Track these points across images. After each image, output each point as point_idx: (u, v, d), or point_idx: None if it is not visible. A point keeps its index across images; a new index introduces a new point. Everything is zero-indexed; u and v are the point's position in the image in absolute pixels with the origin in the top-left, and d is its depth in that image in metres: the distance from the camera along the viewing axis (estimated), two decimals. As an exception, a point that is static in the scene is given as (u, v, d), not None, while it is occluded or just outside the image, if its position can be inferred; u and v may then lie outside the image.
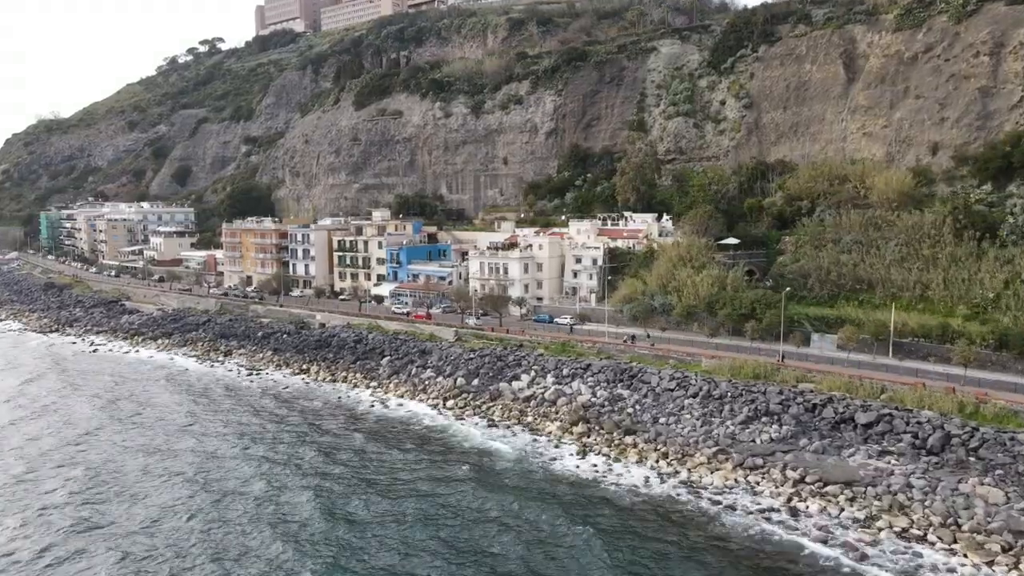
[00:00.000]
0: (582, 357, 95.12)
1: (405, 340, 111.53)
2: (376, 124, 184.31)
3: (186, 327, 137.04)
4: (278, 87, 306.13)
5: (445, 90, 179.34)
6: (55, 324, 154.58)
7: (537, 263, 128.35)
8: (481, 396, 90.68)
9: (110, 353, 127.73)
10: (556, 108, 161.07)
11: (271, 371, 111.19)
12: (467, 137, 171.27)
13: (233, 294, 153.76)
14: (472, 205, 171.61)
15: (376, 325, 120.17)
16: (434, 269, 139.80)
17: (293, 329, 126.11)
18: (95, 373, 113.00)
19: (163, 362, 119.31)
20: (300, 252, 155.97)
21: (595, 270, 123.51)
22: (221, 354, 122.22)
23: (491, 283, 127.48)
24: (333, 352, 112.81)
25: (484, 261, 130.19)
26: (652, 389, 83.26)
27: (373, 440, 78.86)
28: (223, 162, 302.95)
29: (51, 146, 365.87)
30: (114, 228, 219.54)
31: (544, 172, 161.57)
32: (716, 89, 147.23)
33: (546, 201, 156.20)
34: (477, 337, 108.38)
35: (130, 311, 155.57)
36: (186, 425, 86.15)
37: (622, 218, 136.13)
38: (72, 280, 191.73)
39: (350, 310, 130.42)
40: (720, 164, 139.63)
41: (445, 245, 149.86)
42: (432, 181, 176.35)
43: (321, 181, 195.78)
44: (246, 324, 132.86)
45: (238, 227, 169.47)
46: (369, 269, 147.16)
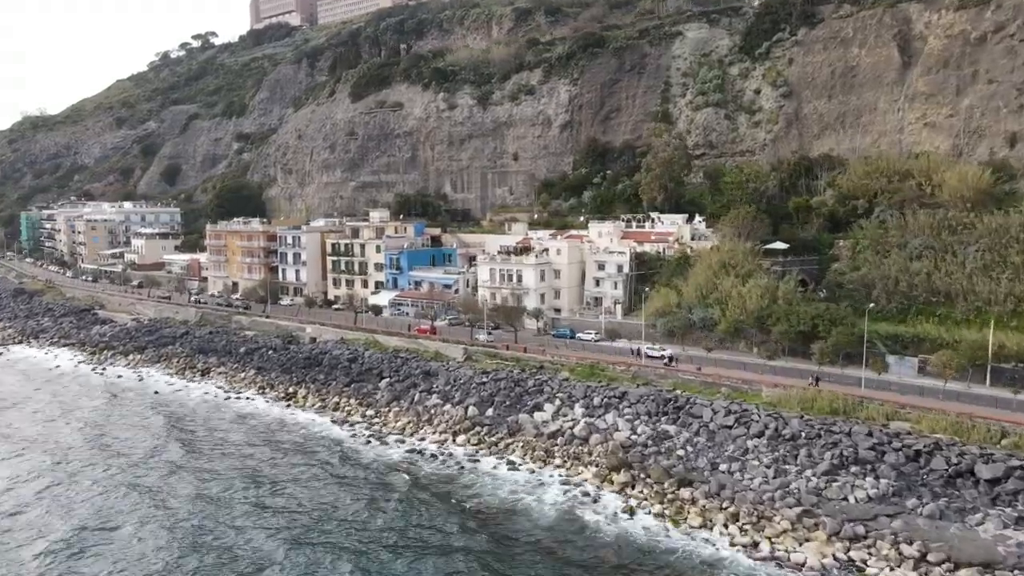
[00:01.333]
0: (615, 383, 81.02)
1: (407, 359, 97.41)
2: (374, 117, 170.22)
3: (161, 340, 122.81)
4: (272, 81, 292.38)
5: (449, 80, 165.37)
6: (19, 335, 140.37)
7: (554, 270, 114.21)
8: (498, 430, 76.56)
9: (76, 370, 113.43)
10: (571, 99, 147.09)
11: (252, 394, 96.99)
12: (473, 131, 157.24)
13: (216, 303, 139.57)
14: (479, 205, 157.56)
15: (374, 340, 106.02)
16: (438, 276, 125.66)
17: (280, 344, 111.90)
18: (53, 396, 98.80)
19: (131, 383, 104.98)
20: (290, 256, 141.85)
21: (621, 278, 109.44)
22: (198, 373, 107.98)
23: (503, 292, 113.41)
24: (324, 372, 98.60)
25: (495, 267, 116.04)
26: (705, 425, 69.17)
27: (366, 494, 64.59)
28: (214, 160, 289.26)
29: (36, 144, 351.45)
30: (93, 229, 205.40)
31: (558, 169, 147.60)
32: (750, 77, 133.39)
33: (561, 200, 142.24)
34: (490, 356, 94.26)
35: (103, 321, 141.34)
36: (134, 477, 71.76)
37: (648, 219, 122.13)
38: (44, 285, 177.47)
39: (344, 322, 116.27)
40: (756, 159, 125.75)
41: (450, 249, 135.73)
42: (435, 179, 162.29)
43: (315, 179, 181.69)
44: (228, 338, 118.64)
45: (223, 228, 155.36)
46: (366, 276, 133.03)
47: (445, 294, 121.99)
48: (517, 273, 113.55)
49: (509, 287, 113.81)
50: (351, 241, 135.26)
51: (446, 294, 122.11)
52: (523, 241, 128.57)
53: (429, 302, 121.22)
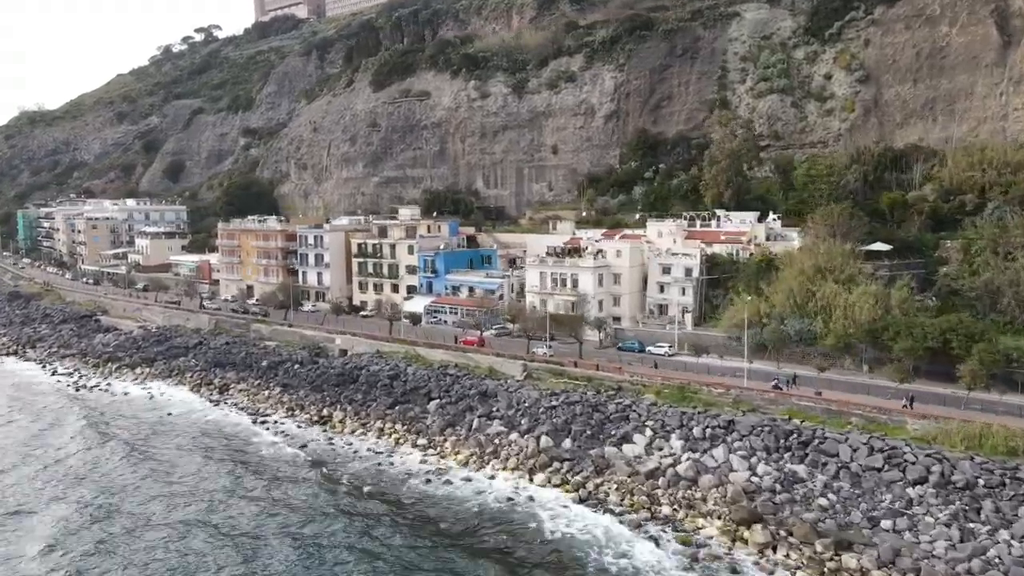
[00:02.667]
0: (712, 408, 68.90)
1: (457, 376, 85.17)
2: (399, 108, 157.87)
3: (172, 351, 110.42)
4: (280, 74, 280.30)
5: (480, 67, 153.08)
6: (14, 344, 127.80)
7: (614, 274, 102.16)
8: (581, 466, 64.34)
9: (77, 385, 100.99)
10: (617, 86, 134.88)
11: (281, 416, 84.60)
12: (508, 121, 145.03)
13: (230, 308, 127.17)
14: (513, 202, 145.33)
15: (415, 354, 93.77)
16: (480, 280, 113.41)
17: (307, 357, 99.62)
18: (52, 422, 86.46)
19: (140, 402, 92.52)
20: (312, 258, 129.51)
21: (690, 283, 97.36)
22: (215, 390, 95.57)
23: (556, 299, 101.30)
24: (362, 392, 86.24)
25: (546, 271, 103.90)
26: (844, 466, 56.97)
27: (441, 545, 52.50)
28: (219, 156, 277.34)
29: (34, 139, 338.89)
30: (95, 228, 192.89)
31: (603, 162, 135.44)
32: (818, 61, 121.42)
33: (608, 197, 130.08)
34: (554, 374, 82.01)
35: (106, 329, 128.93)
36: (151, 524, 59.52)
37: (714, 217, 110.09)
38: (42, 289, 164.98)
39: (377, 332, 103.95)
40: (830, 151, 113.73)
41: (489, 250, 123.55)
42: (466, 173, 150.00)
43: (333, 174, 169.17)
44: (247, 349, 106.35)
45: (236, 227, 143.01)
46: (397, 279, 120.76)
47: (488, 300, 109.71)
48: (572, 277, 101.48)
49: (562, 293, 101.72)
50: (379, 241, 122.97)
51: (489, 300, 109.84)
52: (571, 241, 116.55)
53: (471, 309, 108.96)
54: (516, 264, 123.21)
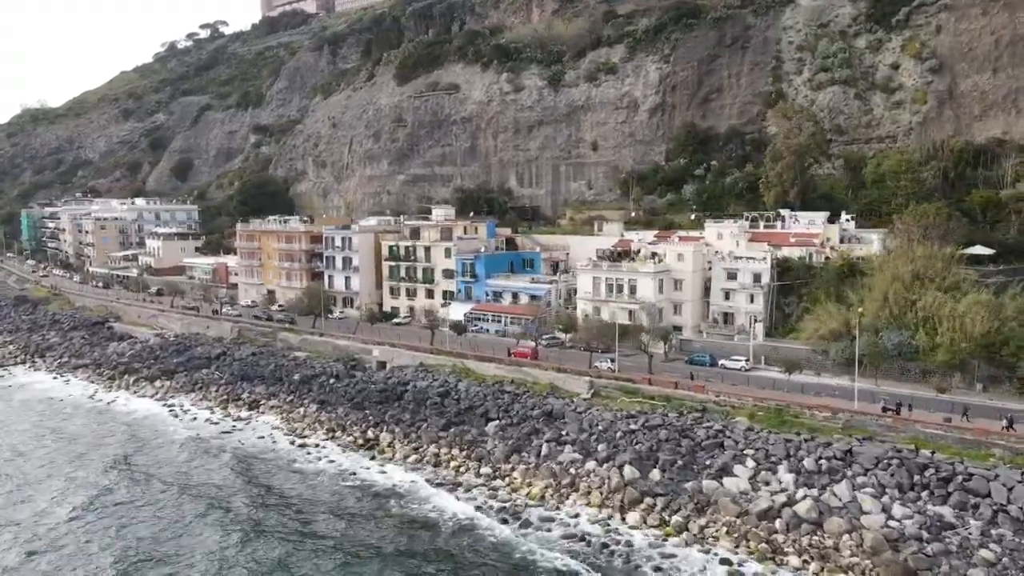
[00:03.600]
0: (819, 435, 60.84)
1: (515, 394, 77.09)
2: (426, 102, 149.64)
3: (194, 363, 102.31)
4: (291, 70, 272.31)
5: (513, 59, 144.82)
6: (21, 353, 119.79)
7: (674, 279, 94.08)
8: (678, 503, 56.27)
9: (93, 401, 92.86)
10: (663, 78, 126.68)
11: (321, 437, 76.49)
12: (543, 116, 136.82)
13: (252, 315, 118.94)
14: (549, 201, 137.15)
15: (464, 368, 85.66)
16: (524, 286, 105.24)
17: (343, 370, 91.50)
18: (69, 442, 78.37)
19: (163, 421, 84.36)
20: (339, 261, 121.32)
21: (759, 290, 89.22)
22: (244, 406, 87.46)
23: (612, 307, 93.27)
24: (410, 411, 78.07)
25: (600, 276, 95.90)
26: (1001, 509, 48.93)
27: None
28: (229, 154, 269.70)
29: (36, 137, 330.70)
30: (103, 229, 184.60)
31: (647, 159, 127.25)
32: (883, 49, 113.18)
33: (655, 196, 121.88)
34: (626, 392, 73.90)
35: (119, 337, 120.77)
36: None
37: (778, 218, 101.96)
38: (49, 293, 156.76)
39: (417, 342, 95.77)
40: (899, 146, 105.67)
41: (532, 253, 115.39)
42: (498, 171, 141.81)
43: (356, 172, 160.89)
44: (275, 360, 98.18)
45: (256, 228, 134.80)
46: (432, 284, 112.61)
47: (533, 308, 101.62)
48: (630, 283, 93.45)
49: (619, 300, 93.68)
50: (413, 244, 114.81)
51: (534, 308, 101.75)
52: (621, 244, 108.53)
53: (516, 317, 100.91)
54: (559, 268, 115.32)
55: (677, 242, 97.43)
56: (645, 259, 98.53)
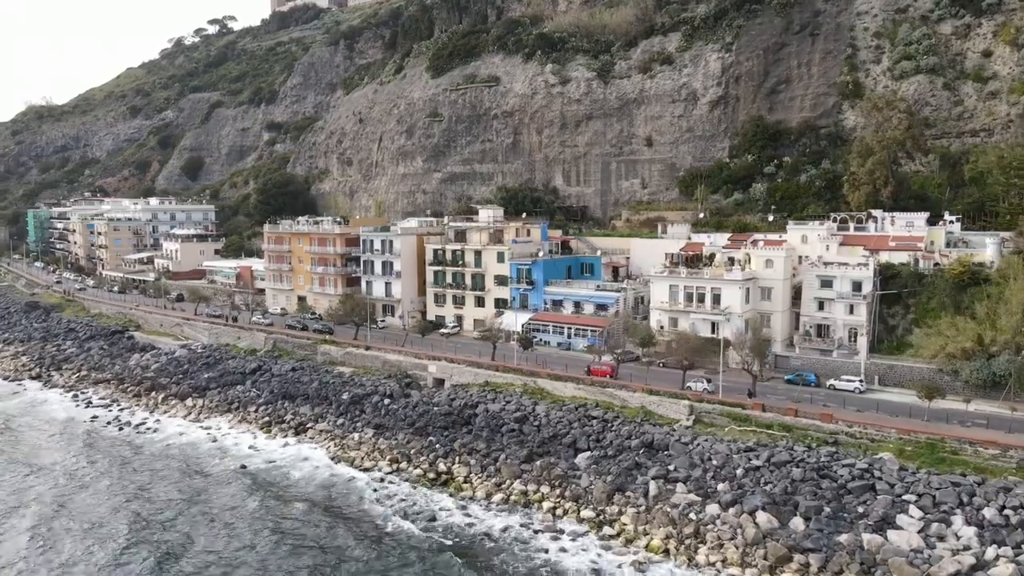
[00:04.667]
0: (987, 475, 51.69)
1: (605, 420, 67.90)
2: (463, 95, 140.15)
3: (227, 378, 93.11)
4: (305, 65, 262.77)
5: (558, 49, 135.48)
6: (35, 365, 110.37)
7: (761, 287, 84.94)
8: (837, 560, 47.01)
9: (119, 423, 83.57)
10: (725, 68, 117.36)
11: (384, 469, 67.21)
12: (592, 110, 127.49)
13: (285, 324, 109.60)
14: (598, 200, 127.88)
15: (537, 388, 76.49)
16: (589, 293, 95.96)
17: (397, 389, 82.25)
18: (114, 482, 69.18)
19: (202, 447, 75.02)
20: (378, 265, 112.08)
21: (860, 300, 80.00)
22: (290, 430, 78.25)
23: (692, 318, 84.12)
24: (483, 439, 68.87)
25: (678, 284, 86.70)
26: None
27: None
28: (241, 152, 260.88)
29: (42, 135, 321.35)
30: (116, 230, 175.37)
31: (708, 155, 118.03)
32: (972, 35, 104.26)
33: (720, 196, 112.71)
34: (734, 419, 64.72)
35: (142, 348, 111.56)
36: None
37: (870, 219, 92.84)
38: (62, 298, 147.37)
39: (477, 356, 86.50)
40: (997, 141, 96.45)
41: (592, 258, 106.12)
42: (543, 169, 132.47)
43: (387, 170, 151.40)
44: (319, 377, 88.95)
45: (286, 230, 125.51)
46: (483, 291, 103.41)
47: (602, 319, 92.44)
48: (712, 292, 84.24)
49: (700, 311, 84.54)
50: (461, 247, 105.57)
51: (600, 319, 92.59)
52: (690, 247, 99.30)
53: (582, 328, 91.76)
54: (619, 274, 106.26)
55: (762, 246, 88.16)
56: (722, 265, 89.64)
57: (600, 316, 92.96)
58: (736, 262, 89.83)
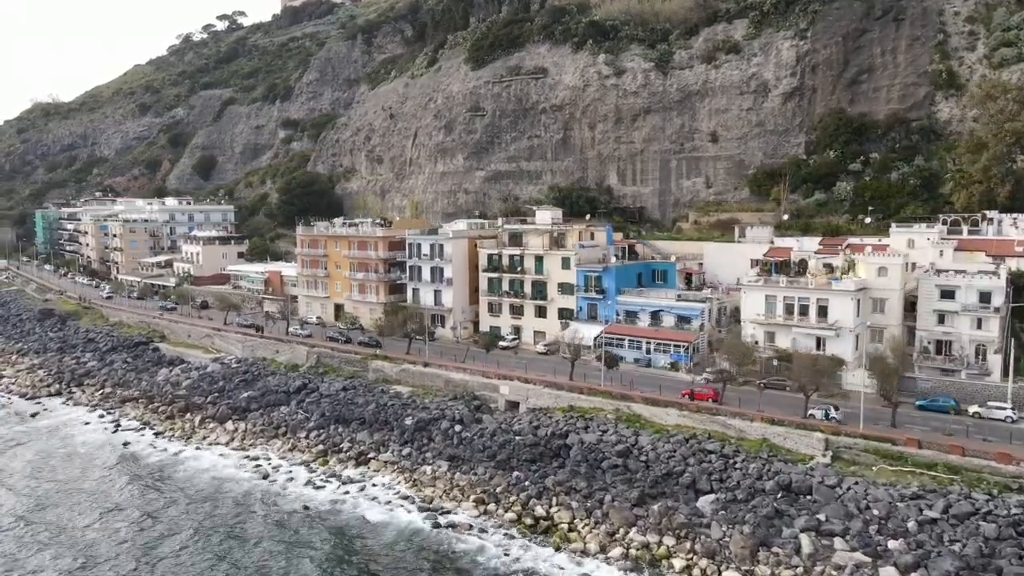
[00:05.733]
0: None
1: (724, 455, 58.67)
2: (507, 88, 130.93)
3: (268, 398, 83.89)
4: (322, 61, 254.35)
5: (610, 37, 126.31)
6: (54, 380, 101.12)
7: (872, 298, 75.74)
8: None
9: (154, 450, 74.36)
10: (800, 57, 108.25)
11: (469, 513, 58.04)
12: (650, 103, 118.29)
13: (328, 336, 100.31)
14: (656, 201, 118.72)
15: (632, 413, 67.29)
16: (670, 303, 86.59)
17: (467, 413, 73.13)
18: (147, 517, 59.95)
19: (251, 481, 65.85)
20: (426, 272, 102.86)
21: (989, 313, 70.81)
22: (349, 461, 68.98)
23: (794, 332, 75.00)
24: (583, 476, 59.55)
25: (775, 294, 77.56)
26: None
27: None
28: (256, 150, 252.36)
29: (48, 133, 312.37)
30: (132, 232, 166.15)
31: (781, 152, 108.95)
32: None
33: (798, 195, 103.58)
34: (882, 456, 55.48)
35: (169, 361, 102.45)
36: None
37: (985, 220, 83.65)
38: (79, 305, 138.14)
39: (554, 376, 77.22)
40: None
41: (665, 263, 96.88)
42: (596, 166, 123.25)
43: (424, 168, 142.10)
44: (374, 398, 79.68)
45: (322, 233, 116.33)
46: (545, 300, 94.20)
47: (686, 332, 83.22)
48: (818, 303, 75.07)
49: (802, 324, 75.39)
50: (520, 252, 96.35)
51: (686, 332, 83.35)
52: (774, 252, 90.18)
53: (663, 343, 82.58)
54: (693, 281, 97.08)
55: (871, 251, 78.85)
56: (821, 272, 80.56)
57: (684, 330, 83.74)
58: (836, 269, 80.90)
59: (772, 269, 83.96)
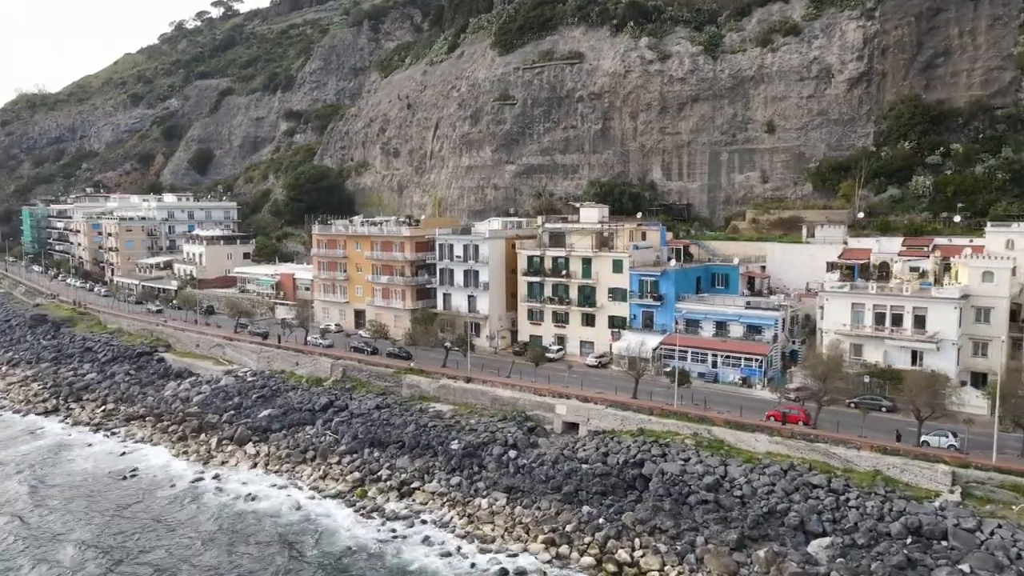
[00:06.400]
0: None
1: (832, 490, 52.84)
2: (539, 75, 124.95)
3: (292, 416, 78.11)
4: (326, 49, 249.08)
5: (653, 19, 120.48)
6: (51, 395, 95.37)
7: (974, 307, 69.96)
8: None
9: (167, 478, 68.54)
10: (867, 39, 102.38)
11: (539, 557, 52.10)
12: (698, 91, 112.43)
13: (351, 346, 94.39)
14: (705, 197, 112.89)
15: (714, 439, 61.44)
16: (738, 312, 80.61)
17: (520, 436, 67.31)
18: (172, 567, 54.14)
19: (286, 518, 59.84)
20: (459, 275, 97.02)
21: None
22: (391, 491, 63.12)
23: (887, 345, 69.24)
24: (669, 513, 53.60)
25: (864, 301, 71.88)
26: None
27: None
28: (255, 143, 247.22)
29: (35, 125, 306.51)
30: (128, 231, 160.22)
31: (847, 143, 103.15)
32: None
33: (868, 191, 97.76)
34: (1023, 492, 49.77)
35: (177, 373, 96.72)
36: None
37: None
38: (73, 311, 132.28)
39: (615, 394, 71.41)
40: None
41: (727, 267, 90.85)
42: (638, 160, 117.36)
43: (447, 162, 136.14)
44: (413, 418, 73.84)
45: (341, 233, 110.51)
46: (594, 308, 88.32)
47: (756, 344, 77.38)
48: (915, 312, 69.32)
49: (897, 336, 69.63)
50: (566, 254, 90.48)
51: (758, 344, 77.49)
52: (850, 254, 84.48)
53: (733, 356, 76.79)
54: (756, 285, 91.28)
55: (970, 254, 73.02)
56: (912, 277, 74.91)
57: (755, 341, 77.89)
58: (926, 273, 75.27)
59: (855, 273, 78.29)
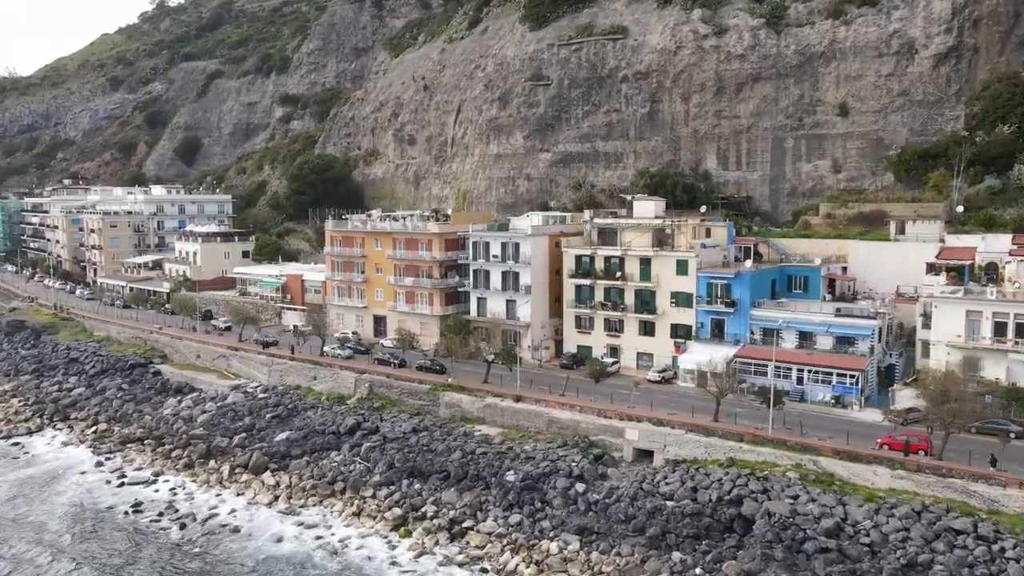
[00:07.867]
0: None
1: (980, 537, 47.68)
2: (578, 52, 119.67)
3: (314, 440, 72.88)
4: (325, 28, 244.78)
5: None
6: (33, 413, 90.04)
7: (1110, 315, 64.82)
8: None
9: (176, 519, 63.35)
10: (956, 10, 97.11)
11: (626, 615, 47.11)
12: (760, 69, 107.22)
13: (376, 359, 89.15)
14: (766, 189, 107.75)
15: (822, 472, 56.13)
16: (826, 320, 75.20)
17: (587, 466, 62.13)
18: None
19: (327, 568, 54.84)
20: (496, 277, 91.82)
21: None
22: (439, 532, 57.89)
23: (1011, 359, 64.02)
24: (783, 564, 48.25)
25: (982, 309, 66.77)
26: None
27: None
28: (248, 130, 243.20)
29: (4, 112, 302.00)
30: (112, 227, 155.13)
31: (933, 127, 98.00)
32: None
33: (961, 181, 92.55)
34: None
35: (176, 388, 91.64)
36: None
37: None
38: (55, 316, 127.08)
39: (692, 416, 66.19)
40: None
41: (807, 268, 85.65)
42: (690, 147, 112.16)
43: (472, 150, 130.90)
44: (458, 443, 68.62)
45: (358, 230, 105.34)
46: (654, 315, 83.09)
47: (850, 358, 72.13)
48: (1043, 323, 64.11)
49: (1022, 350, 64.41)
50: (621, 253, 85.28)
51: (852, 358, 72.23)
52: (949, 253, 79.51)
53: (823, 371, 71.55)
54: (836, 289, 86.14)
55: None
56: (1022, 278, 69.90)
57: (848, 354, 72.65)
58: (1043, 276, 70.18)
59: (964, 276, 73.15)
